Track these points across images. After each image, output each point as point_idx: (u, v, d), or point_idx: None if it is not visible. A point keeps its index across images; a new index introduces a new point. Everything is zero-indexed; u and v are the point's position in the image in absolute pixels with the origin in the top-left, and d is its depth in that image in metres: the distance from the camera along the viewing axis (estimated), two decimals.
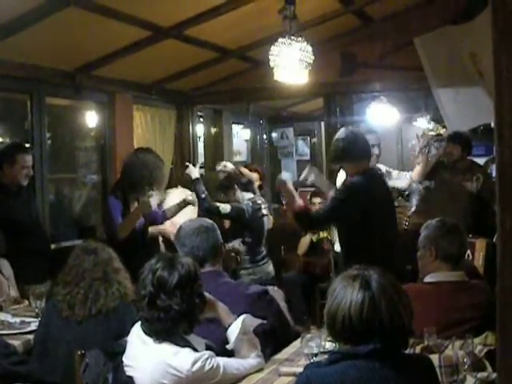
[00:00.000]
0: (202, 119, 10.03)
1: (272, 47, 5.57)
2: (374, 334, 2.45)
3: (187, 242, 3.94)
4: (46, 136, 7.00)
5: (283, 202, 9.56)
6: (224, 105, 10.20)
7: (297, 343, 3.82)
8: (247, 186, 6.82)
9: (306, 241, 8.30)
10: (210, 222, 4.13)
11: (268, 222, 7.76)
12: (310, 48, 5.54)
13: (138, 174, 6.06)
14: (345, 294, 2.49)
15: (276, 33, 6.06)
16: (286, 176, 5.37)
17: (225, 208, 6.37)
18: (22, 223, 5.77)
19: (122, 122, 7.89)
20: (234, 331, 3.35)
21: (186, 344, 3.16)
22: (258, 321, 3.49)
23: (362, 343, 2.46)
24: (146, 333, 3.19)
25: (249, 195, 6.69)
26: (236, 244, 4.93)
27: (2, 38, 5.46)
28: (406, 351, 2.71)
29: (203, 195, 6.40)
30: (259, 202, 6.71)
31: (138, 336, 3.24)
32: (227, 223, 6.90)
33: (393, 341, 2.48)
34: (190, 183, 6.75)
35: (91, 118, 7.93)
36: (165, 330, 3.13)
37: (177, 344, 3.14)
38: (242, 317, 3.39)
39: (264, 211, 6.78)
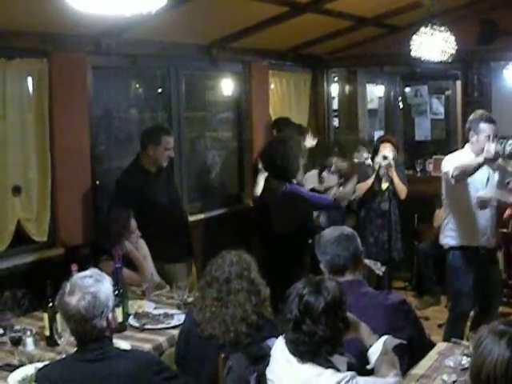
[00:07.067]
0: (335, 79, 9.98)
1: (414, 37, 5.49)
2: None
3: (328, 250, 3.98)
4: (183, 108, 7.17)
5: (417, 170, 9.38)
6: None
7: (433, 354, 3.86)
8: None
9: (442, 213, 7.84)
10: (351, 230, 4.14)
11: (401, 192, 7.70)
12: (452, 38, 5.41)
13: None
14: (491, 350, 2.49)
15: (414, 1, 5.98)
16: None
17: None
18: (161, 204, 5.92)
19: (258, 90, 7.98)
20: (375, 352, 3.39)
21: (328, 365, 3.23)
22: (398, 341, 3.52)
23: None
24: (290, 351, 3.29)
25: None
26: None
27: (144, 23, 5.54)
28: None
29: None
30: None
31: (282, 352, 3.34)
32: None
33: None
34: None
35: (227, 88, 8.02)
36: (309, 352, 3.22)
37: (320, 365, 3.21)
38: (383, 338, 3.42)
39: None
